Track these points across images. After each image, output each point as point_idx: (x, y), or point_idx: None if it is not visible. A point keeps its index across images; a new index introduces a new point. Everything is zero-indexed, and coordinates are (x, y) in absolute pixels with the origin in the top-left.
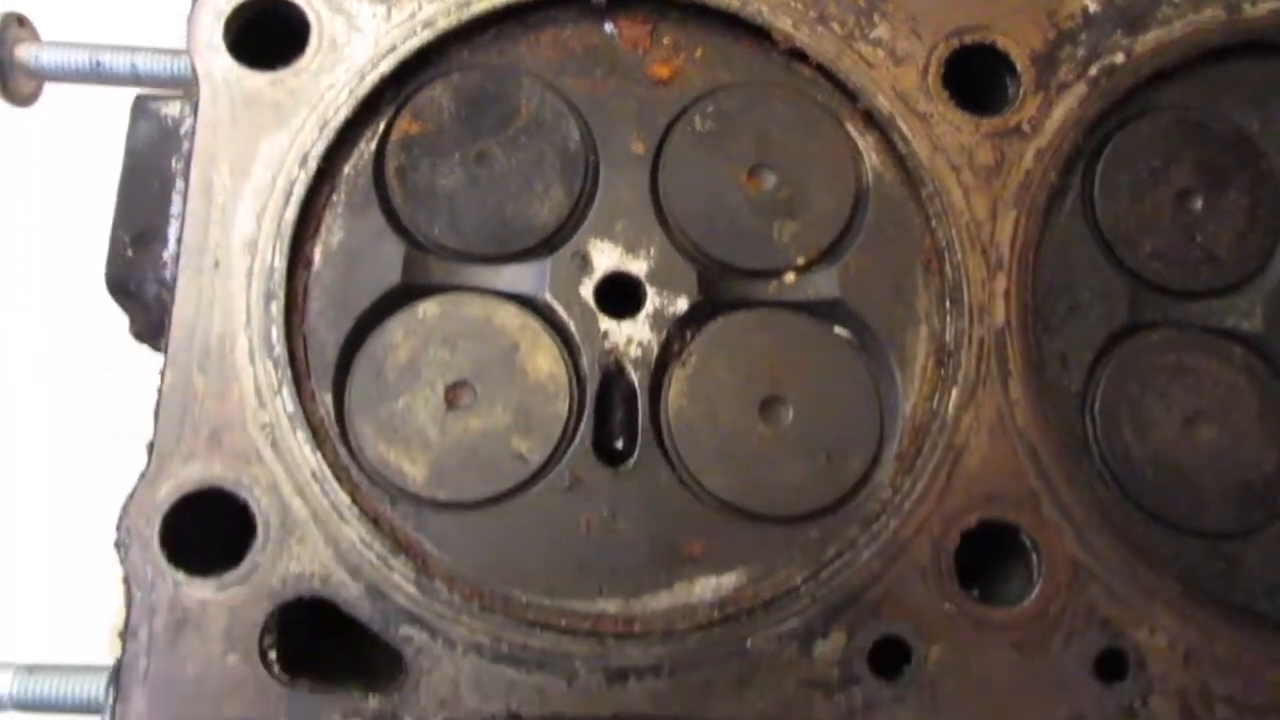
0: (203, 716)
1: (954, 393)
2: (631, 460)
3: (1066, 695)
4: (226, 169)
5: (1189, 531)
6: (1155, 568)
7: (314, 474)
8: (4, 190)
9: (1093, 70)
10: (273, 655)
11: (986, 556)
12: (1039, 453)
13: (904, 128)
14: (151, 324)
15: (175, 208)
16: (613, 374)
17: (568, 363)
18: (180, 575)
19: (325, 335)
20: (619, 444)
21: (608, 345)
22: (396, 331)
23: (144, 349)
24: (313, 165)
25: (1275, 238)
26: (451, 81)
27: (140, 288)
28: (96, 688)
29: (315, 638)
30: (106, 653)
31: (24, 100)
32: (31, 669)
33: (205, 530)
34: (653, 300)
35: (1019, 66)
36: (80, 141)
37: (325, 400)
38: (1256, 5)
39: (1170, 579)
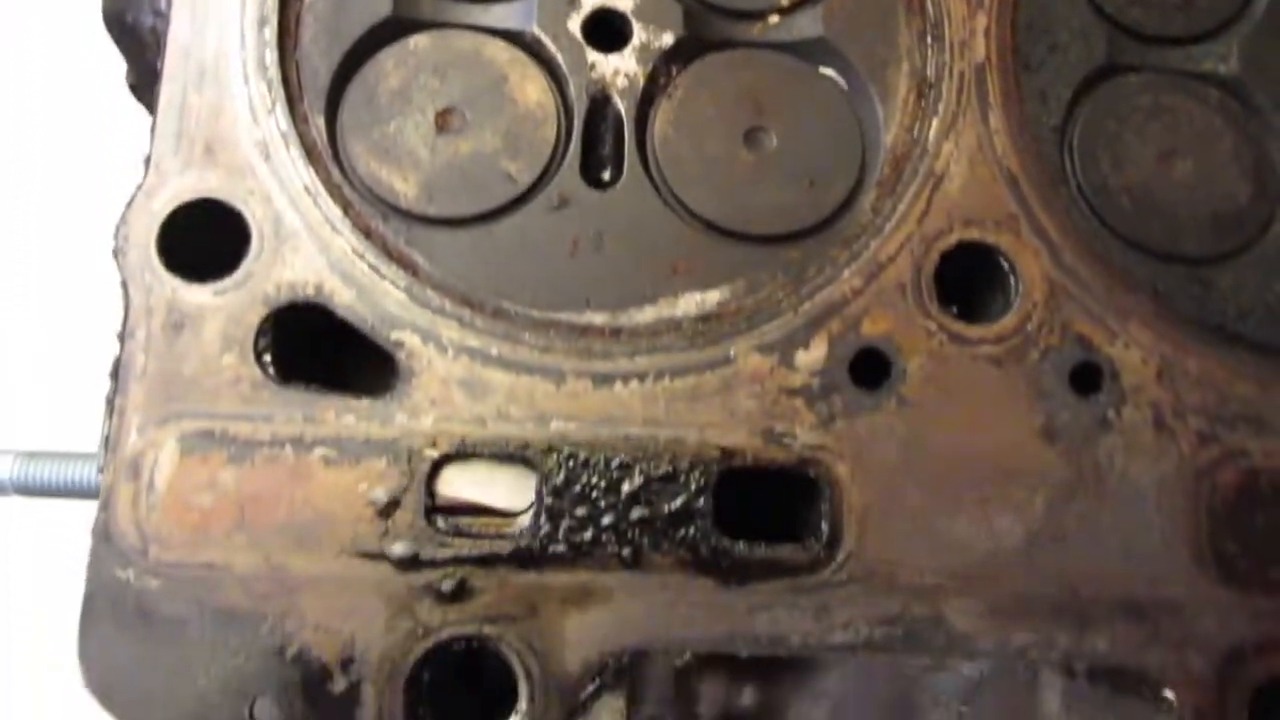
0: (198, 411)
1: (934, 122)
2: (618, 185)
3: (1042, 406)
4: None
5: (1164, 257)
6: (1131, 288)
7: (307, 188)
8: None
9: None
10: (267, 358)
11: (967, 282)
12: (1018, 180)
13: None
14: (148, 65)
15: None
16: (600, 103)
17: (555, 93)
18: (177, 281)
19: (318, 63)
20: (606, 175)
21: (595, 76)
22: (387, 61)
23: None
24: None
25: None
26: None
27: (136, 20)
28: (94, 473)
29: (310, 356)
30: None
31: None
32: (32, 455)
33: (199, 247)
34: (639, 35)
35: None
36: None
37: (317, 123)
38: None
39: (1145, 299)
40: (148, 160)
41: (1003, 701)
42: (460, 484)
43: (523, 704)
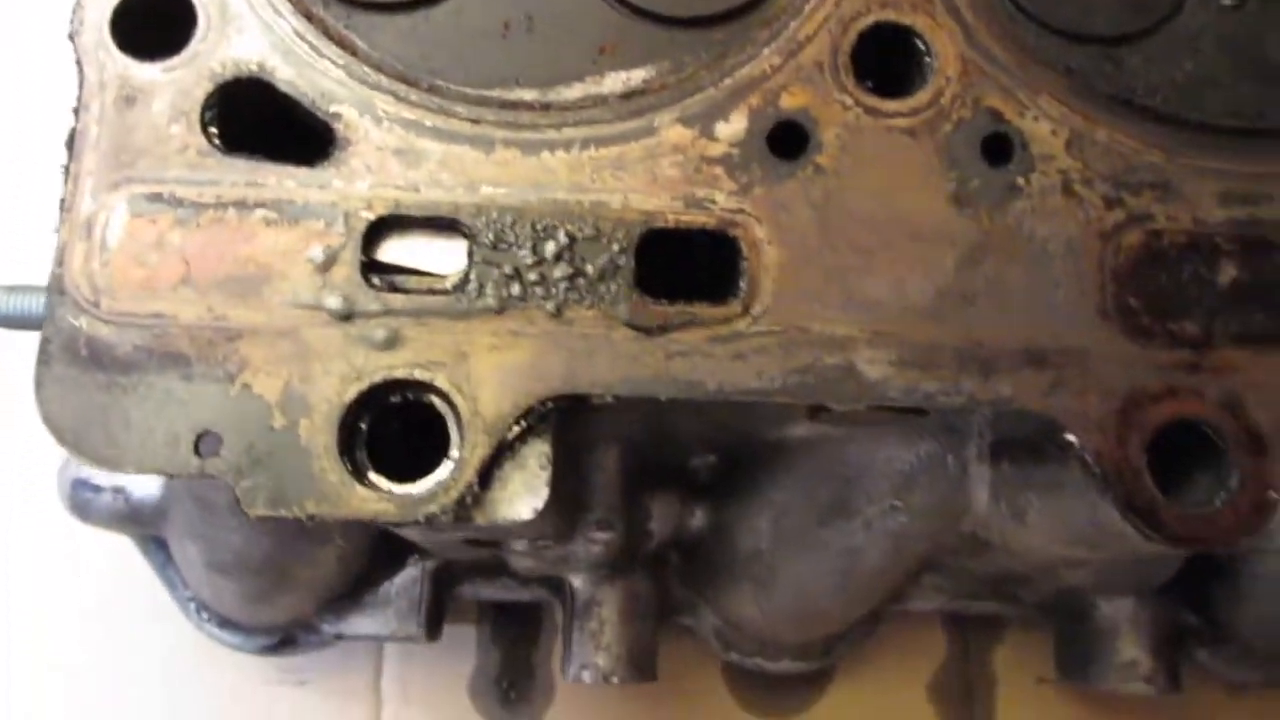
0: (147, 176)
1: None
2: None
3: (954, 174)
4: None
5: (1077, 37)
6: (1043, 66)
7: None
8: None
9: None
10: (214, 129)
11: (885, 61)
12: None
13: None
14: None
15: None
16: None
17: None
18: (129, 59)
19: None
20: None
21: None
22: None
23: None
24: None
25: None
26: None
27: None
28: None
29: (254, 138)
30: None
31: None
32: (13, 288)
33: (150, 31)
34: None
35: None
36: None
37: None
38: None
39: (1057, 76)
40: None
41: (933, 495)
42: (397, 252)
43: (454, 450)
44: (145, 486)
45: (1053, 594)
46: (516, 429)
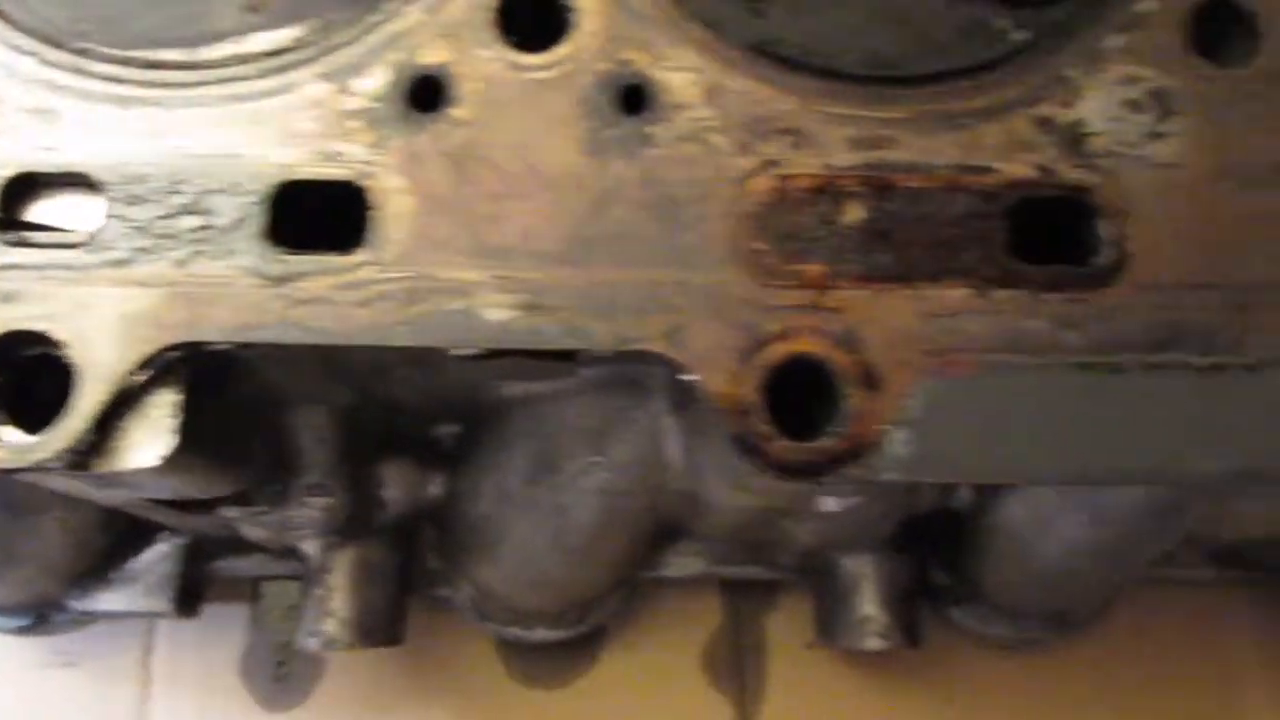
0: None
1: None
2: None
3: (590, 124)
4: None
5: None
6: (685, 20)
7: None
8: None
9: None
10: None
11: (532, 18)
12: None
13: None
14: None
15: None
16: None
17: None
18: None
19: None
20: None
21: None
22: None
23: None
24: None
25: None
26: None
27: None
28: None
29: None
30: None
31: None
32: None
33: None
34: None
35: None
36: None
37: None
38: None
39: (698, 29)
40: None
41: (631, 450)
42: (39, 211)
43: (75, 398)
44: None
45: (798, 554)
46: (138, 378)
